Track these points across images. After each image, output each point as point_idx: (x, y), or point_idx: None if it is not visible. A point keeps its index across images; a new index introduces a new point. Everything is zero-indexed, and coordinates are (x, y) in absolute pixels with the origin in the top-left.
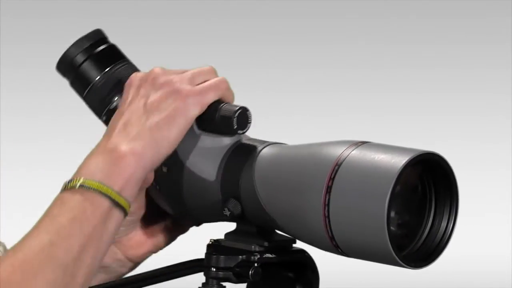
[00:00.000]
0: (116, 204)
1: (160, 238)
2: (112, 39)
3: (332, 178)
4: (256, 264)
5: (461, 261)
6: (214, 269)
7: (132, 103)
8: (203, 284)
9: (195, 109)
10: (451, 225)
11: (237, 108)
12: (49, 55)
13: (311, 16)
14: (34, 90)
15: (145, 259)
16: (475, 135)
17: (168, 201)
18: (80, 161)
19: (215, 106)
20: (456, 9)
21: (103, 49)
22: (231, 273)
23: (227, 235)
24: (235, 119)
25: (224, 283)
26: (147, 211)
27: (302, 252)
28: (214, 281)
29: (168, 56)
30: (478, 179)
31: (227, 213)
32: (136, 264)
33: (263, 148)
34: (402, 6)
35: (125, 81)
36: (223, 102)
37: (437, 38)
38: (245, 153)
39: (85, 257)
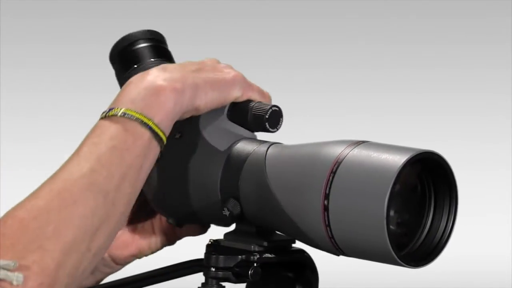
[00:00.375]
0: (156, 136)
1: (145, 243)
2: (112, 39)
3: (331, 178)
4: (255, 264)
5: (461, 261)
6: (214, 269)
7: (185, 63)
8: (202, 284)
9: (238, 92)
10: (451, 224)
11: (270, 106)
12: (49, 55)
13: (311, 16)
14: (34, 90)
15: (128, 263)
16: (475, 135)
17: (166, 180)
18: None
19: (248, 102)
20: (456, 9)
21: (150, 45)
22: (230, 273)
23: (226, 235)
24: (267, 117)
25: (223, 283)
26: (136, 213)
27: (302, 252)
28: (214, 281)
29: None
30: (478, 179)
31: (227, 213)
32: (119, 265)
33: (269, 147)
34: (402, 6)
35: None
36: (257, 101)
37: (437, 38)
38: (246, 151)
39: (125, 186)
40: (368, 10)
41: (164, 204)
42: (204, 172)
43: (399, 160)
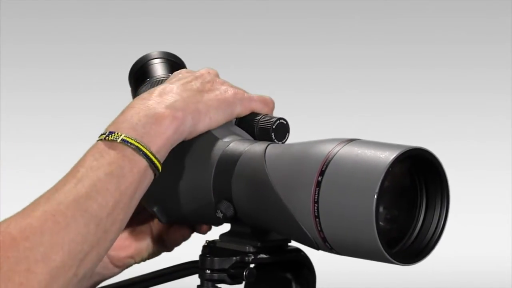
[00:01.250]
0: (152, 164)
1: (143, 245)
2: (113, 39)
3: (321, 175)
4: (250, 265)
5: (462, 261)
6: (209, 271)
7: (185, 81)
8: (198, 286)
9: (239, 108)
10: (442, 221)
11: (276, 119)
12: (49, 55)
13: (311, 16)
14: (34, 90)
15: (127, 266)
16: (475, 135)
17: (160, 180)
18: None
19: (254, 116)
20: (456, 9)
21: (164, 62)
22: (225, 274)
23: (222, 236)
24: (273, 130)
25: (219, 285)
26: (135, 216)
27: (298, 251)
28: (209, 283)
29: None
30: (478, 179)
31: (220, 215)
32: (117, 268)
33: (267, 147)
34: (402, 6)
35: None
36: (262, 114)
37: (437, 38)
38: (237, 154)
39: (117, 213)
40: (368, 10)
41: (157, 203)
42: (197, 174)
43: (389, 156)
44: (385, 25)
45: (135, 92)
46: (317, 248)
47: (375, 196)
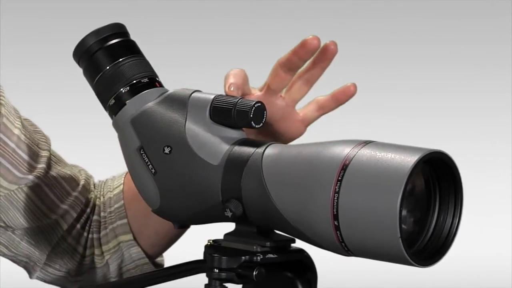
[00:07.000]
0: None
1: None
2: None
3: (340, 177)
4: (259, 265)
5: (462, 261)
6: (217, 270)
7: None
8: (205, 285)
9: None
10: (456, 222)
11: (254, 102)
12: (49, 55)
13: (311, 16)
14: (34, 90)
15: None
16: (476, 135)
17: (160, 187)
18: (78, 161)
19: (231, 100)
20: (456, 9)
21: (119, 41)
22: (234, 274)
23: (226, 235)
24: (252, 113)
25: (226, 284)
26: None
27: (301, 251)
28: (217, 282)
29: (169, 56)
30: (480, 180)
31: (229, 214)
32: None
33: (266, 148)
34: (402, 6)
35: (130, 75)
36: (239, 97)
37: (437, 38)
38: (246, 153)
39: None
40: (368, 10)
41: (165, 213)
42: (202, 180)
43: (412, 159)
44: (385, 25)
45: (95, 76)
46: (331, 250)
47: (399, 198)
